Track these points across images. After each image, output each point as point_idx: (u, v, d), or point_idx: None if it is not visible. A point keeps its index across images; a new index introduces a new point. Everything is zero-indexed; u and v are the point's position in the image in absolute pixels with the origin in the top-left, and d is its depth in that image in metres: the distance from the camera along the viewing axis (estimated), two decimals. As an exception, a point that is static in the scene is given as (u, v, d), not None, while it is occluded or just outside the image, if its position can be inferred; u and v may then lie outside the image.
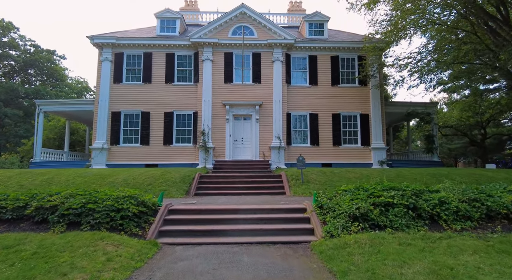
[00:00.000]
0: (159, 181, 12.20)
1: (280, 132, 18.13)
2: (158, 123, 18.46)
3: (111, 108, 18.48)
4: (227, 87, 18.52)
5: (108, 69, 18.57)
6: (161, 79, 18.73)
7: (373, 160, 18.42)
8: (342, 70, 19.08)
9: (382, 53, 17.72)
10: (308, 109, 18.69)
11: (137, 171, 13.53)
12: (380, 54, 17.68)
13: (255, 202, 9.92)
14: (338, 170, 13.94)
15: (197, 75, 18.55)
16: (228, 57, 18.66)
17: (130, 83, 18.73)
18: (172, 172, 13.32)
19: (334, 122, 18.65)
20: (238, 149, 18.39)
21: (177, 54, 18.92)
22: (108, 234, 6.85)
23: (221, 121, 18.27)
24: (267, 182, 13.09)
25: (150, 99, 18.57)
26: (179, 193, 11.31)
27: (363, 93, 18.93)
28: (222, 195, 11.79)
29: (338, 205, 8.03)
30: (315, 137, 18.53)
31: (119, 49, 18.79)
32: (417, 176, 12.99)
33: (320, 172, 13.46)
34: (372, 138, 18.60)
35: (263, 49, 18.72)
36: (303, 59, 19.10)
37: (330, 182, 12.34)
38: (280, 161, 17.86)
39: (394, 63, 16.62)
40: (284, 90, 18.50)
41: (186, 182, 12.36)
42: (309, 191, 11.40)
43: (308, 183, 12.25)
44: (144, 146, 18.33)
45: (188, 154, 18.25)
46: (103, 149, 17.97)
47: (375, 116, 18.64)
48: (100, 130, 18.24)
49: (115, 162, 18.13)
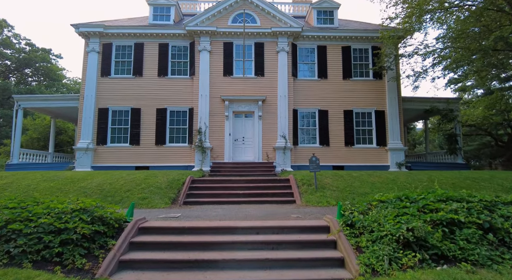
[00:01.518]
0: (141, 186, 9.60)
1: (286, 131, 15.54)
2: (150, 120, 15.92)
3: (98, 104, 15.98)
4: (226, 81, 15.98)
5: (95, 61, 16.09)
6: (153, 72, 16.23)
7: (390, 162, 15.76)
8: (355, 62, 16.51)
9: (401, 42, 15.13)
10: (317, 105, 16.09)
11: (117, 175, 10.93)
12: (398, 42, 15.09)
13: (259, 216, 7.31)
14: (357, 173, 11.29)
15: (193, 67, 16.04)
16: (227, 47, 16.14)
17: (119, 76, 16.23)
18: (158, 175, 10.73)
19: (346, 119, 16.04)
20: (239, 150, 15.80)
21: (171, 45, 16.43)
22: (32, 272, 4.25)
23: (220, 118, 15.71)
24: (272, 187, 10.47)
25: (141, 94, 16.06)
26: (163, 202, 8.69)
27: (378, 87, 16.33)
28: (218, 204, 9.18)
29: (378, 223, 5.40)
30: (325, 136, 15.91)
31: (108, 39, 16.32)
32: (454, 181, 10.32)
33: (336, 176, 10.81)
34: (388, 138, 15.97)
35: (266, 38, 16.19)
36: (311, 49, 16.55)
37: (350, 188, 9.69)
38: (285, 163, 15.25)
39: (416, 50, 13.98)
40: (290, 84, 15.93)
41: (174, 187, 9.76)
42: (326, 200, 8.75)
43: (323, 189, 9.60)
44: (134, 146, 15.78)
45: (183, 155, 15.68)
46: (88, 150, 15.42)
47: (391, 112, 16.03)
48: (86, 128, 15.71)
49: (101, 164, 15.58)
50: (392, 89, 16.13)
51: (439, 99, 16.95)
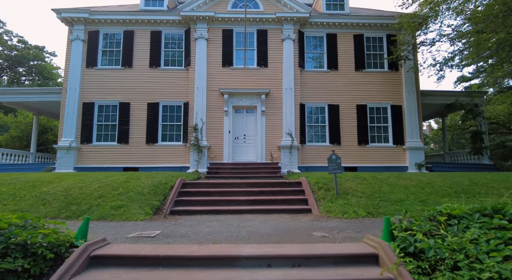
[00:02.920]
0: (117, 191, 7.41)
1: (292, 128, 13.40)
2: (140, 116, 13.76)
3: (82, 98, 13.82)
4: (225, 72, 13.85)
5: (80, 51, 13.95)
6: (144, 63, 14.09)
7: (408, 163, 13.60)
8: (368, 51, 14.40)
9: (421, 28, 13.01)
10: (327, 99, 13.96)
11: (93, 177, 8.73)
12: (417, 29, 12.98)
13: (268, 233, 5.12)
14: (382, 176, 9.11)
15: (188, 57, 13.91)
16: (227, 35, 14.03)
17: (106, 67, 14.09)
18: (142, 177, 8.53)
19: (359, 115, 13.90)
20: (240, 149, 13.63)
21: (165, 32, 14.31)
22: None
23: (218, 114, 13.57)
24: (281, 192, 8.27)
25: (130, 87, 13.91)
26: (142, 213, 6.48)
27: (394, 79, 14.21)
28: (214, 215, 7.00)
29: (466, 255, 3.24)
30: (335, 134, 13.76)
31: (94, 26, 14.20)
32: (507, 185, 8.14)
33: (357, 178, 8.63)
34: (406, 135, 13.82)
35: (270, 25, 14.09)
36: (319, 38, 14.44)
37: (379, 193, 7.52)
38: (292, 163, 13.09)
39: (440, 36, 11.88)
40: (296, 76, 13.81)
41: (159, 193, 7.57)
42: (352, 210, 6.56)
43: (346, 195, 7.42)
44: (122, 145, 13.60)
45: (177, 155, 13.51)
46: (70, 149, 13.24)
47: (409, 107, 13.89)
48: (68, 125, 13.54)
49: (86, 164, 13.40)
50: (410, 82, 14.01)
51: (462, 93, 14.82)
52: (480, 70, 23.90)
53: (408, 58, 13.44)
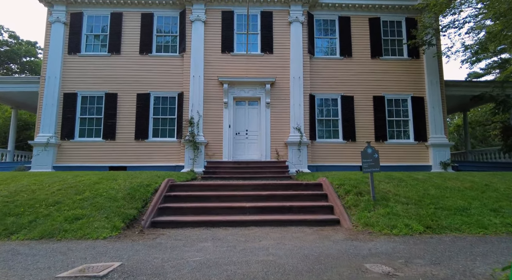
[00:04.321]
0: (81, 196, 5.37)
1: (301, 122, 11.40)
2: (129, 109, 11.74)
3: (63, 88, 11.79)
4: (225, 59, 11.86)
5: (61, 35, 11.94)
6: (134, 49, 12.08)
7: (432, 161, 11.62)
8: (385, 37, 12.45)
9: (448, 8, 11.06)
10: (340, 89, 11.98)
11: (57, 177, 6.68)
12: (442, 11, 11.02)
13: (296, 268, 3.09)
14: (422, 175, 7.09)
15: (183, 42, 11.91)
16: (227, 17, 12.05)
17: (91, 54, 12.07)
18: (120, 178, 6.49)
19: (376, 108, 11.92)
20: (241, 146, 11.62)
21: (157, 15, 12.31)
22: None
23: (217, 106, 11.56)
24: (296, 197, 6.24)
25: (118, 75, 11.90)
26: (109, 227, 4.42)
27: (415, 68, 12.26)
28: (209, 228, 4.98)
29: None
30: (350, 129, 11.78)
31: (77, 7, 12.19)
32: None
33: (393, 179, 6.61)
34: (429, 131, 11.85)
35: (276, 6, 12.12)
36: (331, 21, 12.48)
37: (430, 198, 5.50)
38: (301, 162, 11.08)
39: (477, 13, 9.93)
40: (305, 63, 11.84)
41: (137, 198, 5.53)
42: (402, 222, 4.53)
43: (386, 201, 5.40)
44: (108, 141, 11.57)
45: (170, 153, 11.49)
46: (48, 145, 11.20)
47: (432, 99, 11.93)
48: (47, 118, 11.50)
49: (66, 163, 11.36)
50: (432, 71, 12.06)
51: (490, 83, 12.86)
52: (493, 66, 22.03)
53: (431, 44, 11.49)
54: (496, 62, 21.55)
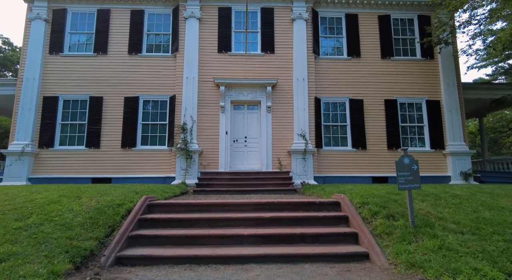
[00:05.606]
0: (24, 222, 3.93)
1: (306, 128, 10.07)
2: (115, 114, 10.38)
3: (43, 91, 10.45)
4: (222, 59, 10.58)
5: (42, 33, 10.66)
6: (122, 49, 10.80)
7: (451, 171, 10.25)
8: (396, 36, 11.23)
9: (465, 4, 9.86)
10: (348, 93, 10.69)
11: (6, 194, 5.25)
12: (459, 7, 9.82)
13: None
14: (463, 191, 5.67)
15: (176, 41, 10.64)
16: (224, 14, 10.82)
17: (75, 54, 10.77)
18: (85, 195, 5.05)
19: (388, 112, 10.61)
20: (240, 155, 10.24)
21: (148, 12, 11.08)
22: None
23: (213, 110, 10.23)
24: (308, 220, 4.81)
25: (105, 77, 10.58)
26: (45, 273, 3.02)
27: (429, 69, 11.01)
28: (194, 267, 3.55)
29: None
30: (359, 135, 10.43)
31: (60, 3, 10.95)
32: None
33: (426, 196, 5.21)
34: (447, 137, 10.52)
35: (277, 3, 10.92)
36: (337, 19, 11.26)
37: (488, 225, 4.10)
38: (307, 173, 9.70)
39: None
40: (310, 64, 10.57)
41: (101, 224, 4.11)
42: (466, 264, 3.11)
43: (430, 227, 4.00)
44: (92, 149, 10.17)
45: (161, 162, 10.09)
46: (23, 154, 9.78)
47: (449, 103, 10.64)
48: (23, 124, 10.12)
49: (44, 174, 9.93)
50: (448, 72, 10.81)
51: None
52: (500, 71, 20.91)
53: (448, 42, 10.27)
54: (503, 68, 20.44)
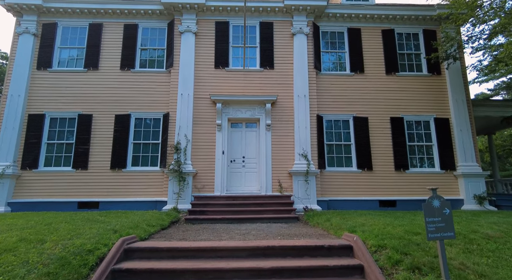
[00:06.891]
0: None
1: (308, 147, 9.29)
2: (105, 133, 9.60)
3: (28, 108, 9.70)
4: (219, 75, 9.90)
5: (30, 47, 10.00)
6: (114, 64, 10.13)
7: (464, 194, 9.42)
8: (401, 50, 10.62)
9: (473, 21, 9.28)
10: (352, 110, 9.97)
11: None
12: (466, 20, 9.24)
13: None
14: (494, 229, 4.82)
15: (171, 56, 9.98)
16: (221, 28, 10.21)
17: (64, 69, 10.07)
18: (53, 235, 4.18)
19: (394, 131, 9.87)
20: (237, 176, 9.41)
21: (142, 26, 10.47)
22: None
23: (209, 129, 9.47)
24: (313, 272, 3.95)
25: (95, 94, 9.86)
26: None
27: (437, 85, 10.34)
28: None
29: None
30: (365, 155, 9.65)
31: (50, 17, 10.35)
32: None
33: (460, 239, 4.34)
34: (458, 157, 9.74)
35: (277, 17, 10.34)
36: (339, 33, 10.66)
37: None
38: (309, 196, 8.85)
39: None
40: (311, 80, 9.89)
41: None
42: None
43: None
44: (79, 171, 9.33)
45: (152, 185, 9.24)
46: (3, 177, 8.94)
47: (459, 121, 9.92)
48: (5, 144, 9.32)
49: (27, 198, 9.06)
50: (457, 88, 10.14)
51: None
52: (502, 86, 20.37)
53: (456, 57, 9.64)
54: (505, 83, 19.92)
